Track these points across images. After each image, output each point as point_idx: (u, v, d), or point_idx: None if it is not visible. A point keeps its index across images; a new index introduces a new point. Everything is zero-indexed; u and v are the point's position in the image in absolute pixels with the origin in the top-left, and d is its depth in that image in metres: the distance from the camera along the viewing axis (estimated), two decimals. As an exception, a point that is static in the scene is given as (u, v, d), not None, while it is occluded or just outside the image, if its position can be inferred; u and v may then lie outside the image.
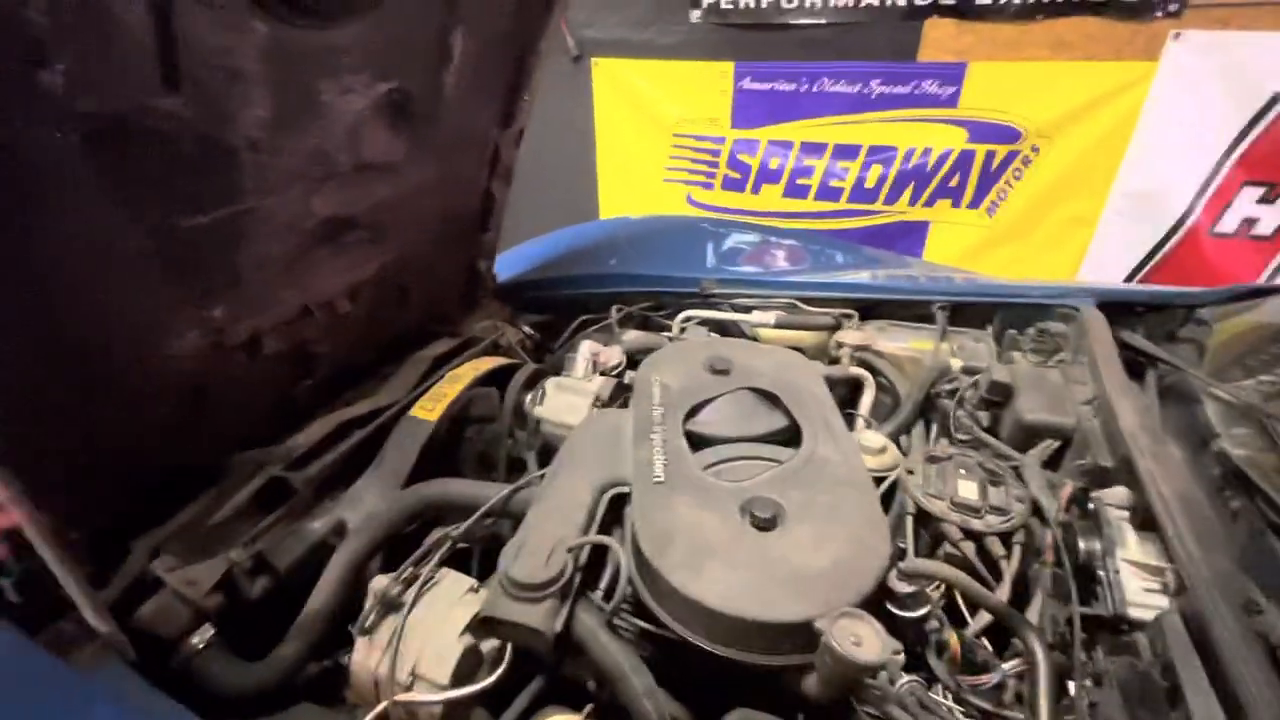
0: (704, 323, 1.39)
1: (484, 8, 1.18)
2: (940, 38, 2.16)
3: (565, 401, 1.10)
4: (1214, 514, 0.79)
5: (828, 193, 2.52)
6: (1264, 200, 2.01)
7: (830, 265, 1.72)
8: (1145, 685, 0.56)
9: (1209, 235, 2.11)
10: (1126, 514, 0.76)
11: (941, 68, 2.20)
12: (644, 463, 0.85)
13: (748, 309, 1.39)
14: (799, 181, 2.54)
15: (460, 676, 0.70)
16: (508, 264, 1.81)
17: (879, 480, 0.90)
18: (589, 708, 0.66)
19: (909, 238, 2.48)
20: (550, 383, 1.14)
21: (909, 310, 1.36)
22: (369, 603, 0.75)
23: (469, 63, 1.21)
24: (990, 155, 2.28)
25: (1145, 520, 0.74)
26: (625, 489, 0.84)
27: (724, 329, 1.40)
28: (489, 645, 0.74)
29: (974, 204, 2.38)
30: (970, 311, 1.33)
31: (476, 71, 1.25)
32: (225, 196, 0.89)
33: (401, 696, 0.68)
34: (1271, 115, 1.89)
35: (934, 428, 1.10)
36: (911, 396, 1.12)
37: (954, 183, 2.36)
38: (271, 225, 1.00)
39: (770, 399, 1.00)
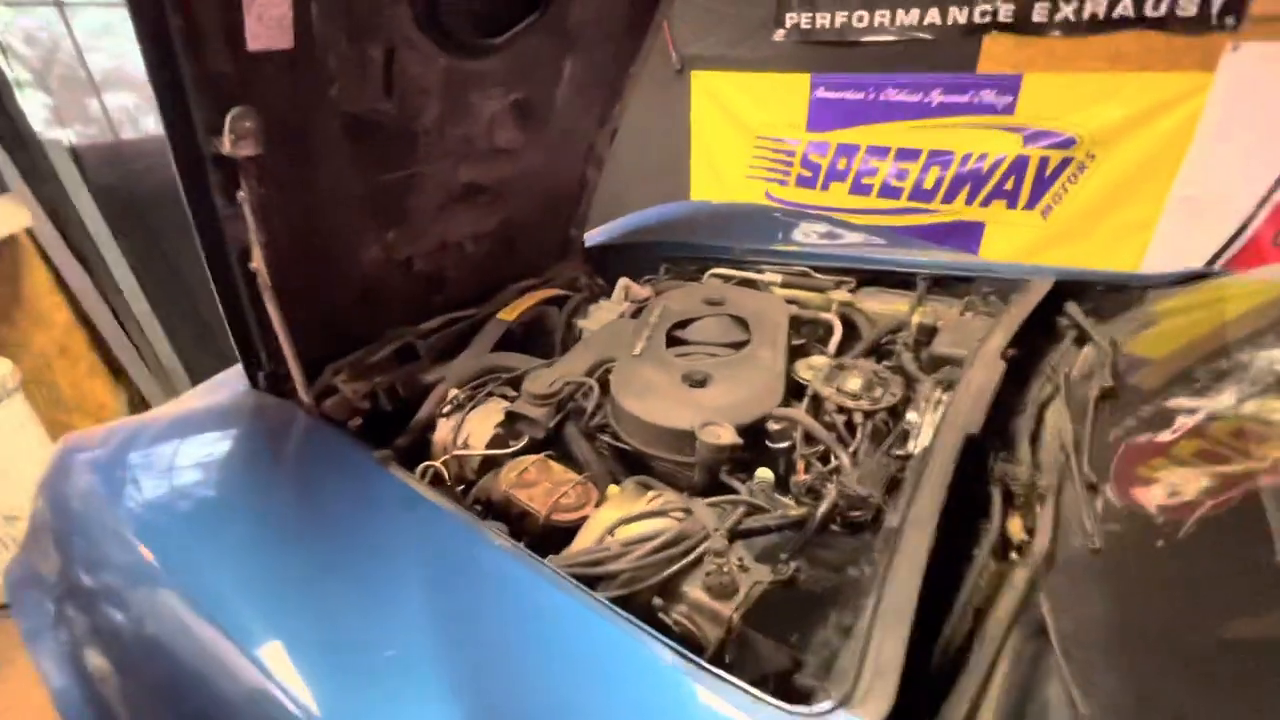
0: (726, 278, 1.75)
1: (590, 44, 1.61)
2: (999, 52, 2.30)
3: (600, 317, 1.53)
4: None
5: (889, 191, 2.72)
6: (1336, 211, 1.93)
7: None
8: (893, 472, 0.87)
9: (1274, 245, 2.05)
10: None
11: (999, 79, 2.33)
12: (630, 345, 1.26)
13: (763, 271, 1.72)
14: (864, 181, 2.76)
15: (493, 447, 1.15)
16: (602, 233, 2.27)
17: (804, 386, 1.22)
18: (546, 452, 1.08)
19: (965, 236, 2.60)
20: (593, 305, 1.58)
21: (904, 282, 1.61)
22: (448, 400, 1.24)
23: (576, 81, 1.67)
24: (1044, 161, 2.36)
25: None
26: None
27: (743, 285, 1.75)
28: (514, 440, 1.19)
29: (1029, 206, 2.46)
30: (958, 285, 1.57)
31: (581, 87, 1.71)
32: (406, 163, 1.40)
33: (457, 451, 1.15)
34: None
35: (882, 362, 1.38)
36: (868, 337, 1.41)
37: (1009, 185, 2.46)
38: (431, 184, 1.51)
39: (741, 322, 1.36)
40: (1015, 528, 0.86)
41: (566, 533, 0.92)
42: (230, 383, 1.47)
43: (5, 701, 1.82)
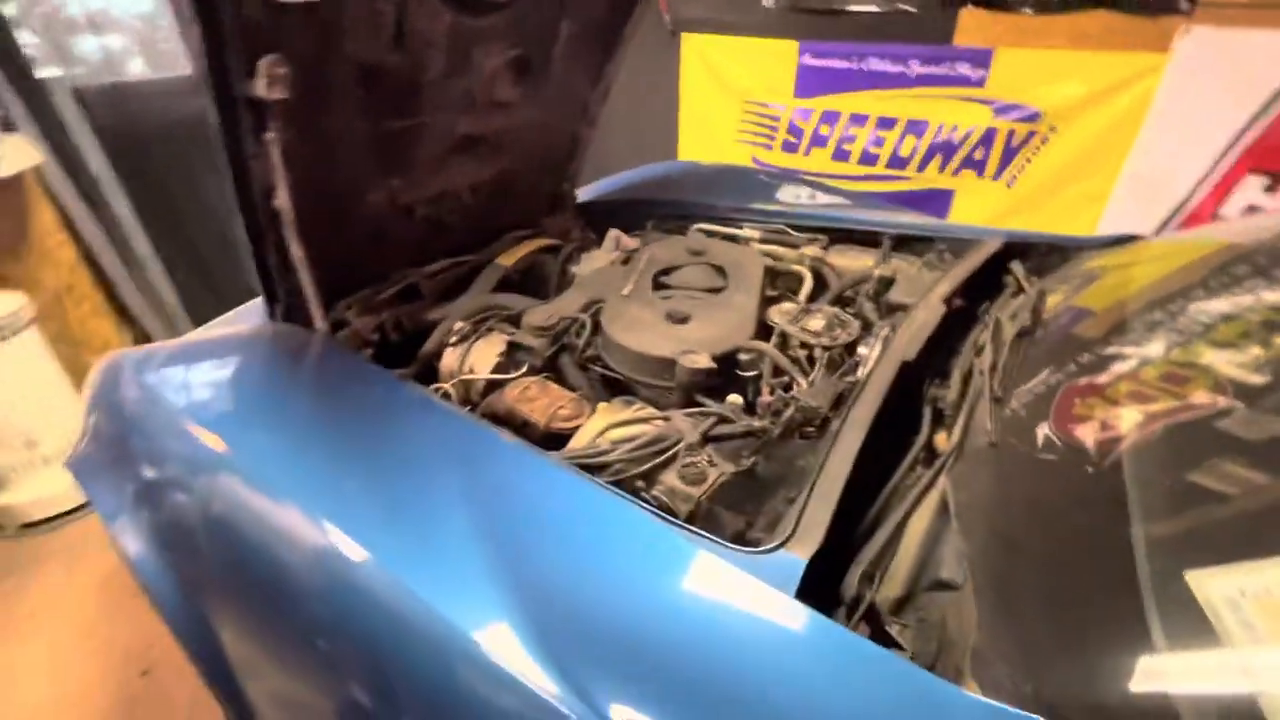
0: (709, 233, 1.88)
1: (586, 6, 1.71)
2: (973, 25, 2.42)
3: (592, 264, 1.66)
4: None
5: (868, 158, 2.84)
6: (1270, 189, 2.10)
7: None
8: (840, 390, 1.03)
9: (1212, 220, 2.23)
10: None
11: (972, 52, 2.45)
12: (620, 288, 1.39)
13: (742, 227, 1.86)
14: (844, 147, 2.88)
15: (495, 373, 1.29)
16: (593, 190, 2.38)
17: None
18: (542, 375, 1.22)
19: (936, 202, 2.75)
20: (585, 254, 1.70)
21: (871, 240, 1.76)
22: (454, 331, 1.37)
23: (571, 41, 1.75)
24: (1011, 133, 2.51)
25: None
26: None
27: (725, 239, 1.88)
28: (515, 369, 1.33)
29: (996, 175, 2.62)
30: (919, 244, 1.72)
31: (576, 47, 1.79)
32: (412, 112, 1.49)
33: (463, 376, 1.29)
34: (1276, 109, 2.00)
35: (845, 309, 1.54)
36: (834, 288, 1.56)
37: (978, 155, 2.61)
38: (433, 133, 1.60)
39: (720, 271, 1.50)
40: (941, 440, 1.02)
41: (562, 440, 1.07)
42: (246, 317, 1.59)
43: (31, 609, 1.96)
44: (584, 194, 2.30)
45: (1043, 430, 0.79)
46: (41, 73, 2.43)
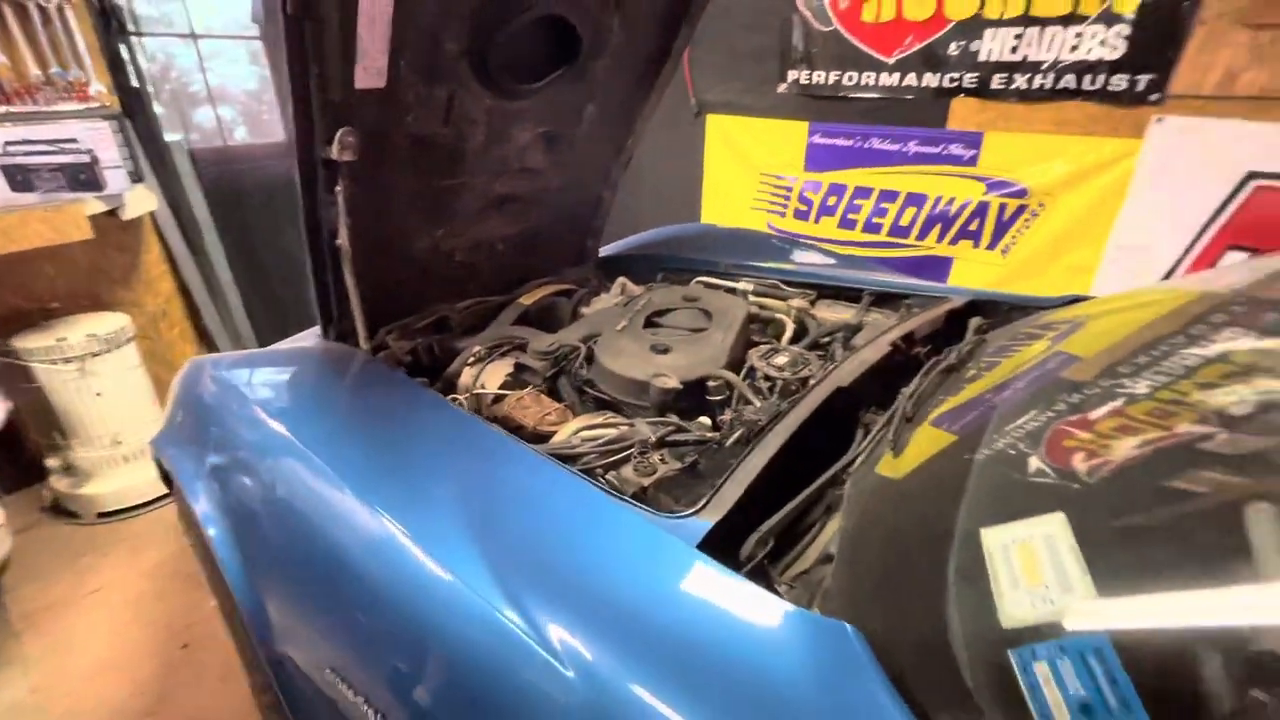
0: (709, 285, 2.09)
1: (608, 92, 2.01)
2: (965, 112, 2.64)
3: (599, 306, 1.89)
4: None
5: (871, 227, 3.04)
6: (1250, 264, 2.17)
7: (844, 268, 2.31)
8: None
9: None
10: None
11: (964, 135, 2.66)
12: (614, 323, 1.61)
13: (739, 281, 2.07)
14: (849, 216, 3.09)
15: (503, 389, 1.51)
16: (617, 246, 2.65)
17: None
18: (535, 386, 1.43)
19: (937, 268, 2.90)
20: (595, 298, 1.94)
21: (857, 297, 1.94)
22: (472, 354, 1.61)
23: (595, 120, 2.06)
24: (1003, 207, 2.67)
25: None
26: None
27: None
28: (519, 387, 1.55)
29: (991, 245, 2.76)
30: (898, 301, 1.89)
31: (599, 125, 2.09)
32: (455, 174, 1.80)
33: (476, 390, 1.51)
34: (1247, 191, 2.10)
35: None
36: (812, 335, 1.74)
37: (974, 226, 2.77)
38: (473, 192, 1.91)
39: (708, 315, 1.71)
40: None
41: (547, 440, 1.27)
42: (302, 341, 1.88)
43: (97, 585, 2.23)
44: (609, 249, 2.57)
45: (1034, 461, 0.84)
46: (167, 136, 2.92)
